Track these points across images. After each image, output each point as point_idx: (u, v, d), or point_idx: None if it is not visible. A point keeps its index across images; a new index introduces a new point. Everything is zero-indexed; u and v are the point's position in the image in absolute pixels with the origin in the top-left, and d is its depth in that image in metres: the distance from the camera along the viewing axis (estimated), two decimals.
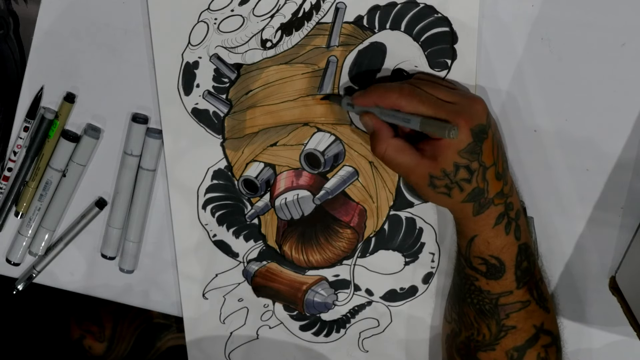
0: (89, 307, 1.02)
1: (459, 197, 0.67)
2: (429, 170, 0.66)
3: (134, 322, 1.02)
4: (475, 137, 0.65)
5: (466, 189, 0.67)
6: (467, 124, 0.65)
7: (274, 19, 0.73)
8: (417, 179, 0.68)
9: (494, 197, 0.68)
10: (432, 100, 0.65)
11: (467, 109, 0.66)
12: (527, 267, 0.70)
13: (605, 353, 0.79)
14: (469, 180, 0.66)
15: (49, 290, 0.87)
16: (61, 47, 0.78)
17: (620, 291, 0.74)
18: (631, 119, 0.72)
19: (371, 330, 0.81)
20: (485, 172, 0.67)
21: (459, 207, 0.68)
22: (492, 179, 0.67)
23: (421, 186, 0.68)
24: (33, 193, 0.80)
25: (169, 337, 1.03)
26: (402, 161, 0.67)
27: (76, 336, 1.02)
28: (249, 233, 0.80)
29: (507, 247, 0.69)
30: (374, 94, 0.68)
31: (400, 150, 0.67)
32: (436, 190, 0.67)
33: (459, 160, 0.66)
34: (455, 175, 0.66)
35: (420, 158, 0.67)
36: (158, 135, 0.78)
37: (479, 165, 0.66)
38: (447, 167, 0.66)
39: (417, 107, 0.65)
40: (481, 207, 0.68)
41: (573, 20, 0.71)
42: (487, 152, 0.66)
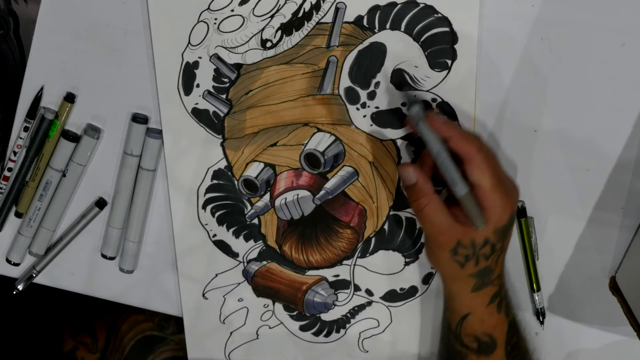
0: (83, 318, 1.02)
1: (470, 270, 0.68)
2: (460, 236, 0.66)
3: (127, 333, 1.02)
4: (511, 221, 0.67)
5: (481, 265, 0.68)
6: (511, 207, 0.66)
7: (274, 19, 0.73)
8: (444, 240, 0.67)
9: (495, 278, 0.69)
10: (498, 170, 0.66)
11: (513, 192, 0.67)
12: (517, 342, 0.72)
13: (605, 353, 0.79)
14: (487, 258, 0.67)
15: (44, 299, 0.87)
16: (61, 47, 0.78)
17: (620, 291, 0.74)
18: (631, 119, 0.72)
19: (371, 331, 0.81)
20: (500, 255, 0.68)
21: (463, 280, 0.69)
22: (502, 262, 0.69)
23: (443, 249, 0.68)
24: (33, 193, 0.80)
25: (163, 350, 1.03)
26: (438, 220, 0.67)
27: (69, 347, 1.02)
28: (249, 233, 0.80)
29: (498, 325, 0.70)
30: (453, 130, 0.66)
31: (439, 209, 0.67)
32: (454, 258, 0.67)
33: (490, 237, 0.66)
34: (480, 249, 0.67)
35: (453, 222, 0.67)
36: (158, 135, 0.78)
37: (501, 247, 0.67)
38: (477, 239, 0.66)
39: (487, 169, 0.64)
40: (482, 284, 0.69)
41: (573, 20, 0.71)
42: (509, 237, 0.68)
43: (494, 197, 0.65)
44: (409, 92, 0.73)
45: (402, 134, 0.75)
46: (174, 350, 1.01)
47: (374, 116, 0.75)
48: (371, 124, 0.75)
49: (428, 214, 0.67)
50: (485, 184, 0.64)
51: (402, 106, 0.74)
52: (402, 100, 0.74)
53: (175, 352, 1.01)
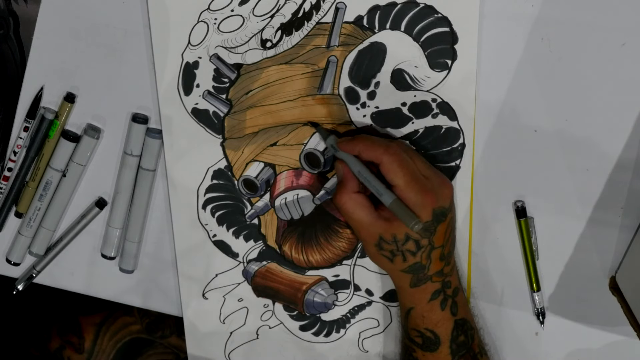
0: (70, 317, 1.02)
1: (400, 265, 0.69)
2: (381, 231, 0.69)
3: (115, 335, 1.02)
4: (434, 218, 0.68)
5: (409, 260, 0.69)
6: (431, 203, 0.67)
7: (274, 19, 0.73)
8: (366, 235, 0.70)
9: (433, 275, 0.70)
10: (411, 167, 0.67)
11: (436, 189, 0.68)
12: (464, 341, 0.72)
13: (605, 353, 0.79)
14: (414, 254, 0.69)
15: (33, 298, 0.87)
16: (61, 47, 0.78)
17: (620, 291, 0.74)
18: (631, 119, 0.72)
19: (371, 330, 0.81)
20: (431, 251, 0.69)
21: (398, 275, 0.71)
22: (436, 259, 0.70)
23: (368, 243, 0.70)
24: (33, 193, 0.80)
25: (151, 353, 1.02)
26: (357, 216, 0.69)
27: (56, 346, 1.02)
28: (249, 233, 0.80)
29: (442, 322, 0.71)
30: (360, 143, 0.69)
31: (359, 205, 0.69)
32: (380, 252, 0.70)
33: (411, 233, 0.68)
34: (403, 245, 0.68)
35: (375, 218, 0.69)
36: (158, 135, 0.78)
37: (428, 243, 0.69)
38: (399, 234, 0.68)
39: (396, 169, 0.67)
40: (419, 280, 0.70)
41: (573, 20, 0.71)
42: (440, 234, 0.69)
43: (409, 194, 0.67)
44: (319, 129, 0.74)
45: (402, 134, 0.75)
46: (162, 354, 1.01)
47: (374, 116, 0.75)
48: (371, 124, 0.75)
49: (348, 210, 0.69)
50: (397, 183, 0.67)
51: (402, 106, 0.74)
52: (402, 100, 0.74)
53: (164, 356, 1.01)
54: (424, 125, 0.74)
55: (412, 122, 0.74)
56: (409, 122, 0.74)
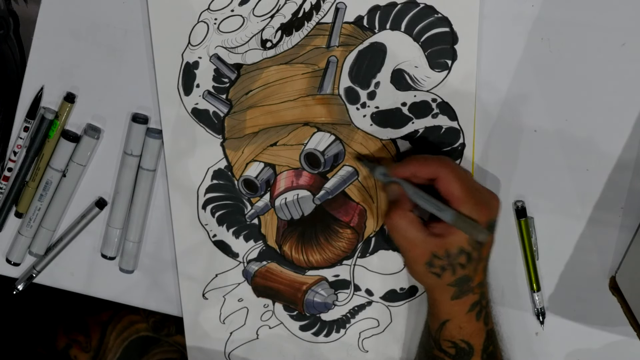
0: (77, 316, 1.02)
1: (448, 279, 0.69)
2: (434, 248, 0.68)
3: (121, 334, 1.02)
4: (489, 228, 0.68)
5: (458, 273, 0.69)
6: (486, 216, 0.67)
7: (274, 19, 0.73)
8: (417, 254, 0.69)
9: (475, 286, 0.70)
10: (467, 180, 0.67)
11: (488, 201, 0.68)
12: (493, 351, 0.73)
13: (605, 353, 0.79)
14: (464, 267, 0.68)
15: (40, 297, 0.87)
16: (61, 47, 0.78)
17: (620, 291, 0.74)
18: (631, 119, 0.72)
19: (371, 330, 0.81)
20: (479, 263, 0.69)
21: (442, 288, 0.70)
22: (481, 270, 0.70)
23: (418, 262, 0.69)
24: (33, 193, 0.80)
25: (157, 352, 1.02)
26: (411, 235, 0.68)
27: (62, 345, 1.02)
28: (249, 233, 0.80)
29: (476, 333, 0.71)
30: (413, 163, 0.69)
31: (412, 223, 0.68)
32: (430, 270, 0.69)
33: (465, 247, 0.67)
34: (456, 259, 0.68)
35: (427, 235, 0.68)
36: (158, 135, 0.78)
37: (478, 256, 0.68)
38: (452, 249, 0.68)
39: (453, 181, 0.66)
40: (461, 292, 0.70)
41: (573, 20, 0.71)
42: (488, 245, 0.69)
43: (467, 207, 0.66)
44: (365, 162, 0.74)
45: (402, 134, 0.75)
46: (168, 352, 1.01)
47: (373, 116, 0.75)
48: (371, 124, 0.75)
49: (402, 228, 0.69)
50: (456, 195, 0.67)
51: (402, 106, 0.74)
52: (402, 100, 0.74)
53: (170, 354, 1.01)
54: (424, 125, 0.74)
55: (412, 122, 0.74)
56: (409, 122, 0.74)
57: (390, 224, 0.69)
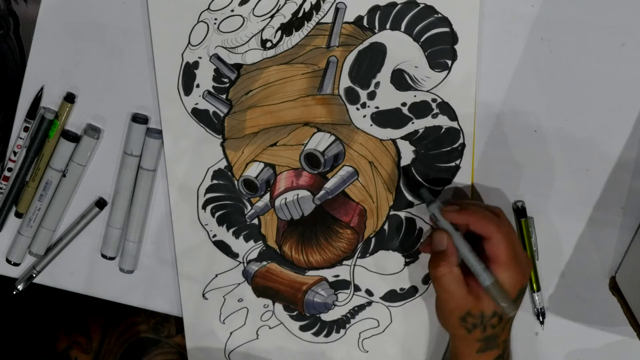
0: (78, 317, 1.02)
1: (477, 335, 0.70)
2: (470, 307, 0.69)
3: (122, 335, 1.02)
4: (519, 295, 0.69)
5: (488, 332, 0.70)
6: (520, 283, 0.69)
7: (274, 19, 0.73)
8: (454, 308, 0.70)
9: (501, 342, 0.71)
10: (515, 247, 0.68)
11: (525, 267, 0.69)
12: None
13: (605, 353, 0.79)
14: (494, 327, 0.70)
15: (41, 298, 0.86)
16: (61, 47, 0.78)
17: (620, 291, 0.74)
18: (631, 119, 0.72)
19: (371, 331, 0.81)
20: (507, 323, 0.71)
21: (469, 342, 0.71)
22: (508, 330, 0.72)
23: (453, 315, 0.70)
24: (33, 193, 0.80)
25: (158, 353, 1.03)
26: (453, 290, 0.69)
27: (63, 346, 1.02)
28: (249, 233, 0.80)
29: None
30: (471, 216, 0.69)
31: (457, 280, 0.69)
32: (463, 324, 0.70)
33: (499, 310, 0.69)
34: (489, 320, 0.69)
35: (467, 293, 0.69)
36: (158, 135, 0.78)
37: (508, 317, 0.70)
38: (487, 311, 0.69)
39: (504, 248, 0.67)
40: (487, 347, 0.71)
41: (573, 20, 0.71)
42: (517, 307, 0.70)
43: (507, 273, 0.68)
44: (422, 193, 0.74)
45: (402, 134, 0.75)
46: (169, 354, 1.01)
47: (374, 116, 0.75)
48: (371, 124, 0.75)
49: (445, 282, 0.69)
50: (500, 259, 0.67)
51: (402, 106, 0.74)
52: (402, 100, 0.74)
53: (170, 356, 1.01)
54: (424, 125, 0.74)
55: (412, 122, 0.74)
56: (409, 122, 0.74)
57: (435, 276, 0.70)
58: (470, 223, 0.69)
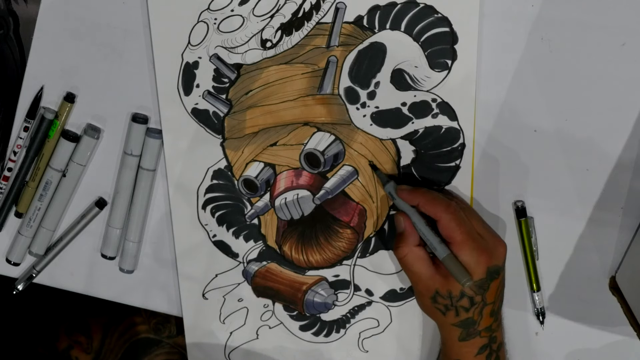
0: (79, 317, 1.02)
1: (452, 319, 0.71)
2: (437, 286, 0.70)
3: (123, 335, 1.02)
4: (488, 276, 0.69)
5: (461, 315, 0.70)
6: (486, 262, 0.69)
7: (274, 19, 0.73)
8: (423, 289, 0.71)
9: (482, 330, 0.71)
10: (468, 226, 0.69)
11: (491, 248, 0.69)
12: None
13: (605, 353, 0.79)
14: (467, 310, 0.70)
15: (41, 297, 0.86)
16: (61, 47, 0.78)
17: (620, 291, 0.74)
18: (631, 119, 0.72)
19: (371, 331, 0.81)
20: (484, 308, 0.71)
21: (448, 328, 0.72)
22: (487, 315, 0.71)
23: (423, 296, 0.72)
24: (33, 193, 0.80)
25: (158, 353, 1.03)
26: (416, 269, 0.71)
27: (64, 346, 1.02)
28: (249, 233, 0.80)
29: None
30: (421, 196, 0.70)
31: (419, 259, 0.71)
32: (434, 305, 0.71)
33: (466, 291, 0.69)
34: (458, 301, 0.70)
35: (433, 273, 0.70)
36: (158, 135, 0.78)
37: (481, 300, 0.70)
38: (454, 291, 0.70)
39: (454, 227, 0.68)
40: (468, 335, 0.71)
41: (573, 20, 0.71)
42: (492, 291, 0.70)
43: (465, 252, 0.68)
44: (379, 174, 0.75)
45: (402, 134, 0.75)
46: (169, 354, 1.01)
47: (373, 116, 0.75)
48: (371, 124, 0.75)
49: (408, 263, 0.71)
50: (454, 240, 0.68)
51: (402, 106, 0.74)
52: (402, 100, 0.74)
53: (171, 356, 1.01)
54: (424, 125, 0.74)
55: (412, 122, 0.74)
56: (409, 122, 0.74)
57: (398, 257, 0.72)
58: (420, 204, 0.70)
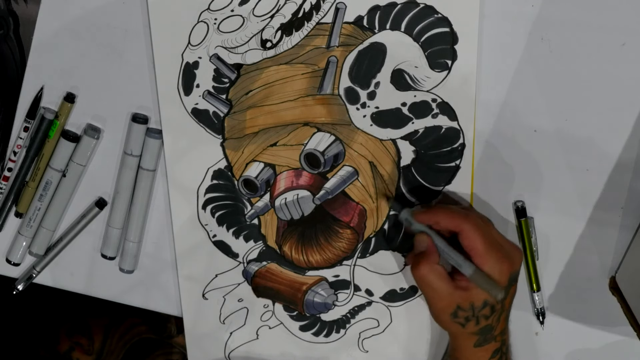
0: (79, 318, 1.02)
1: (471, 329, 0.71)
2: (459, 301, 0.70)
3: (124, 336, 1.02)
4: (509, 282, 0.69)
5: (482, 324, 0.71)
6: (508, 269, 0.69)
7: (274, 19, 0.73)
8: (444, 305, 0.71)
9: (498, 335, 0.72)
10: (489, 236, 0.69)
11: (511, 255, 0.70)
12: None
13: (605, 353, 0.79)
14: (487, 317, 0.70)
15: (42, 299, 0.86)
16: (61, 47, 0.78)
17: (620, 291, 0.74)
18: (631, 119, 0.72)
19: (371, 331, 0.81)
20: (502, 313, 0.71)
21: (466, 336, 0.72)
22: (504, 320, 0.72)
23: (444, 312, 0.71)
24: (33, 193, 0.80)
25: (159, 353, 1.03)
26: (438, 287, 0.70)
27: (65, 348, 1.02)
28: (249, 233, 0.80)
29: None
30: (439, 214, 0.70)
31: (440, 276, 0.70)
32: (455, 320, 0.71)
33: (489, 299, 0.69)
34: (480, 311, 0.70)
35: (454, 288, 0.70)
36: (158, 135, 0.78)
37: (501, 307, 0.70)
38: (476, 302, 0.70)
39: (476, 237, 0.68)
40: (485, 340, 0.72)
41: (573, 20, 0.71)
42: (510, 296, 0.71)
43: (489, 261, 0.68)
44: (393, 205, 0.75)
45: (402, 134, 0.75)
46: (170, 354, 1.01)
47: (374, 116, 0.75)
48: (371, 124, 0.75)
49: (429, 280, 0.70)
50: (478, 250, 0.68)
51: (402, 106, 0.74)
52: (402, 100, 0.74)
53: (171, 356, 1.01)
54: (424, 125, 0.74)
55: (412, 122, 0.74)
56: (409, 122, 0.74)
57: (417, 276, 0.71)
58: (439, 221, 0.70)
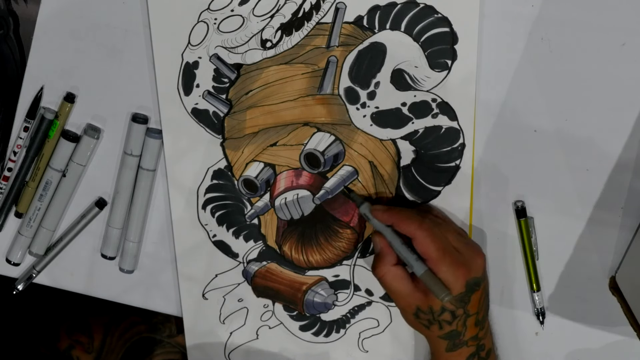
0: (79, 317, 1.02)
1: (436, 332, 0.72)
2: (418, 303, 0.71)
3: (124, 335, 1.02)
4: (468, 289, 0.69)
5: (445, 328, 0.71)
6: (464, 275, 0.69)
7: (274, 19, 0.73)
8: (404, 305, 0.72)
9: (468, 340, 0.72)
10: (443, 243, 0.69)
11: (468, 261, 0.70)
12: None
13: (605, 353, 0.79)
14: (450, 323, 0.71)
15: (42, 297, 0.86)
16: (61, 47, 0.78)
17: (620, 291, 0.74)
18: (631, 119, 0.72)
19: (371, 331, 0.81)
20: (467, 319, 0.71)
21: (434, 340, 0.73)
22: (471, 325, 0.72)
23: (406, 312, 0.73)
24: (33, 193, 0.80)
25: (159, 352, 1.03)
26: (396, 288, 0.72)
27: (65, 346, 1.02)
28: (249, 233, 0.80)
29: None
30: (395, 215, 0.71)
31: (397, 277, 0.71)
32: (417, 320, 0.72)
33: (446, 305, 0.70)
34: (440, 315, 0.70)
35: (413, 290, 0.71)
36: (158, 135, 0.78)
37: (463, 312, 0.70)
38: (435, 306, 0.70)
39: (428, 244, 0.69)
40: (454, 345, 0.72)
41: (573, 20, 0.71)
42: (474, 302, 0.71)
43: (442, 268, 0.68)
44: (352, 196, 0.76)
45: (402, 134, 0.75)
46: (170, 354, 1.01)
47: (373, 116, 0.75)
48: (371, 124, 0.75)
49: (387, 282, 0.72)
50: (430, 257, 0.69)
51: (402, 106, 0.74)
52: (402, 100, 0.74)
53: (172, 356, 1.01)
54: (424, 125, 0.74)
55: (412, 122, 0.74)
56: (409, 122, 0.74)
57: (376, 276, 0.72)
58: (394, 223, 0.71)
